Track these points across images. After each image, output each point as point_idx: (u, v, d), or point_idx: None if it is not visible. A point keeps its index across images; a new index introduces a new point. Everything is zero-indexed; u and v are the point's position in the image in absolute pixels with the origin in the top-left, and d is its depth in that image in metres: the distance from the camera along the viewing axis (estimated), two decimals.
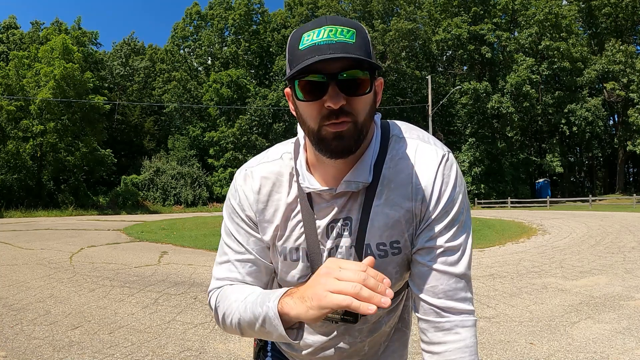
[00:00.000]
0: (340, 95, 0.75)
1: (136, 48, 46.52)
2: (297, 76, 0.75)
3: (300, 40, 0.76)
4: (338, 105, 0.74)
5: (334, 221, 0.87)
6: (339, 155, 0.79)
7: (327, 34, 0.74)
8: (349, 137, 0.77)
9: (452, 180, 0.84)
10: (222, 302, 0.89)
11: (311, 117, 0.78)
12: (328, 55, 0.72)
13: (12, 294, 5.04)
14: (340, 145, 0.77)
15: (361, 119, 0.78)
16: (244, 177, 0.93)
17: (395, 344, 1.06)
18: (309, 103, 0.77)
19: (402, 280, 0.93)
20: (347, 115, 0.76)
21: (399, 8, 40.42)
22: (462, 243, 0.84)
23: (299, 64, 0.74)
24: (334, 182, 0.85)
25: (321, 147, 0.79)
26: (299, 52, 0.75)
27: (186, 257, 8.07)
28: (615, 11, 36.33)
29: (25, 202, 26.04)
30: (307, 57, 0.73)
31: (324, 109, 0.76)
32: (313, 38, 0.75)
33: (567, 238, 10.11)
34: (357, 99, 0.77)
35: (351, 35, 0.75)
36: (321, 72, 0.74)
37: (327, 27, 0.75)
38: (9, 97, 27.19)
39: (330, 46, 0.73)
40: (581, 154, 43.21)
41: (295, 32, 0.79)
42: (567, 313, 4.16)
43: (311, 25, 0.77)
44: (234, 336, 3.61)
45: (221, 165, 36.89)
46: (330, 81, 0.74)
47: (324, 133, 0.77)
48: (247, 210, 0.91)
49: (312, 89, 0.76)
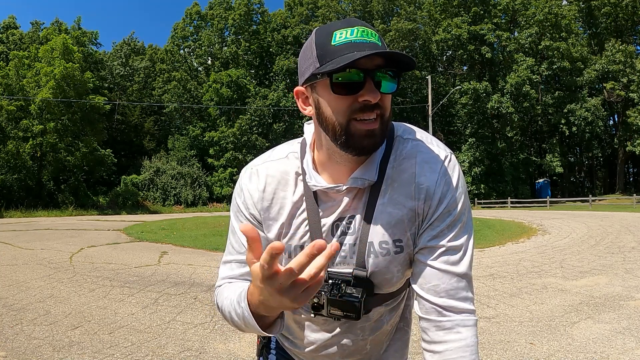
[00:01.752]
0: (377, 90, 0.78)
1: (136, 48, 46.52)
2: (337, 70, 0.76)
3: (331, 37, 0.79)
4: (376, 99, 0.77)
5: (339, 219, 0.88)
6: (368, 152, 0.82)
7: (360, 33, 0.78)
8: (379, 134, 0.80)
9: (455, 180, 0.86)
10: (219, 299, 0.92)
11: (341, 112, 0.79)
12: (372, 51, 0.74)
13: (12, 294, 5.03)
14: (371, 142, 0.80)
15: (387, 115, 0.82)
16: (249, 176, 0.94)
17: (397, 343, 1.06)
18: (342, 97, 0.79)
19: (404, 279, 0.93)
20: (379, 109, 0.80)
21: (399, 8, 40.45)
22: (463, 243, 0.85)
23: (334, 58, 0.76)
24: (341, 180, 0.87)
25: (349, 143, 0.80)
26: (333, 48, 0.78)
27: (186, 257, 8.06)
28: (615, 11, 36.34)
29: (25, 202, 26.04)
30: (345, 52, 0.76)
31: (357, 103, 0.78)
32: (347, 36, 0.78)
33: (567, 238, 10.11)
34: (386, 96, 0.81)
35: (377, 38, 0.80)
36: (359, 68, 0.76)
37: (359, 27, 0.79)
38: (9, 97, 27.19)
39: (365, 44, 0.77)
40: (581, 154, 43.22)
41: (321, 29, 0.82)
42: (567, 313, 4.16)
43: (341, 24, 0.80)
44: (234, 336, 3.62)
45: (221, 165, 36.88)
46: (368, 76, 0.77)
47: (354, 129, 0.79)
48: (251, 209, 0.93)
49: (348, 83, 0.78)
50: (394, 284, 0.92)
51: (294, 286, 0.63)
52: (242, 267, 0.94)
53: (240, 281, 0.94)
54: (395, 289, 0.94)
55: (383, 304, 0.96)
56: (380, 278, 0.89)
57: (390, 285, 0.92)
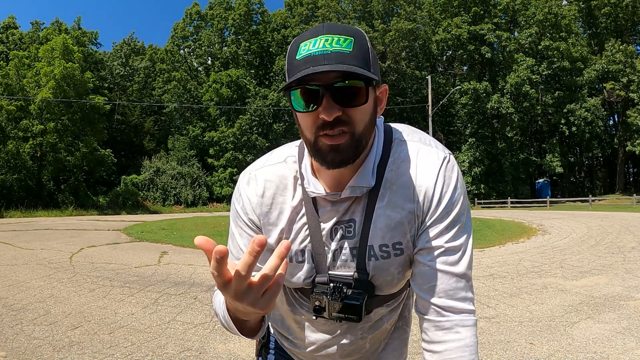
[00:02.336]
0: (335, 106, 0.74)
1: (136, 48, 46.51)
2: (293, 87, 0.75)
3: (297, 50, 0.76)
4: (332, 117, 0.74)
5: (338, 223, 0.88)
6: (336, 166, 0.79)
7: (322, 43, 0.74)
8: (345, 148, 0.77)
9: (454, 181, 0.85)
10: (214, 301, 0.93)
11: (307, 128, 0.79)
12: (320, 66, 0.71)
13: (12, 294, 5.04)
14: (337, 157, 0.77)
15: (359, 129, 0.78)
16: (248, 181, 0.93)
17: (396, 341, 1.07)
18: (304, 114, 0.77)
19: (403, 280, 0.93)
20: (343, 125, 0.76)
21: (399, 8, 40.43)
22: (463, 243, 0.85)
23: (294, 74, 0.74)
24: (337, 186, 0.86)
25: (318, 158, 0.79)
26: (296, 62, 0.75)
27: (186, 257, 8.06)
28: (615, 11, 36.35)
29: (25, 202, 26.02)
30: (302, 67, 0.74)
31: (319, 119, 0.76)
32: (309, 48, 0.74)
33: (567, 238, 10.12)
34: (353, 110, 0.76)
35: (348, 44, 0.74)
36: (315, 83, 0.74)
37: (323, 36, 0.75)
38: (9, 97, 27.18)
39: (325, 56, 0.73)
40: (581, 154, 43.23)
41: (294, 41, 0.79)
42: (567, 313, 4.16)
43: (308, 34, 0.77)
44: (234, 336, 3.61)
45: (221, 165, 36.87)
46: (325, 92, 0.74)
47: (320, 144, 0.78)
48: (249, 214, 0.92)
49: (306, 100, 0.76)
50: (394, 286, 0.92)
51: (250, 290, 0.60)
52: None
53: None
54: (396, 290, 0.94)
55: (384, 305, 0.96)
56: (381, 280, 0.89)
57: (391, 287, 0.92)
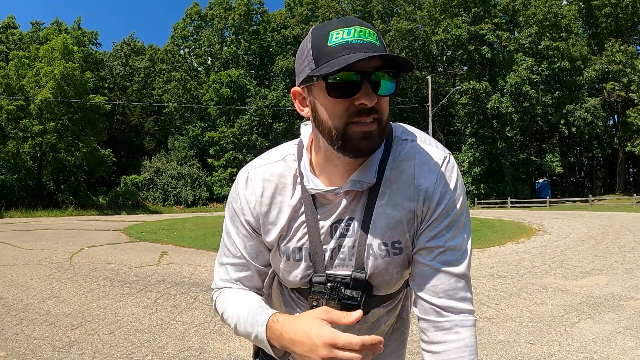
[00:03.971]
0: (373, 94, 0.76)
1: (136, 48, 46.52)
2: (332, 73, 0.74)
3: (328, 37, 0.76)
4: (372, 103, 0.75)
5: (338, 221, 0.88)
6: (365, 154, 0.80)
7: (357, 33, 0.75)
8: (375, 136, 0.78)
9: (453, 181, 0.85)
10: (219, 303, 0.95)
11: (337, 115, 0.78)
12: (368, 53, 0.72)
13: (12, 294, 5.03)
14: (369, 144, 0.78)
15: (384, 118, 0.80)
16: (246, 181, 0.93)
17: (394, 343, 1.06)
18: (338, 100, 0.77)
19: (401, 280, 0.93)
20: (375, 113, 0.77)
21: (399, 8, 40.44)
22: (462, 243, 0.85)
23: (330, 60, 0.74)
24: (339, 182, 0.86)
25: (346, 146, 0.79)
26: (329, 49, 0.75)
27: (186, 257, 8.06)
28: (615, 11, 36.35)
29: (25, 202, 26.02)
30: (341, 53, 0.74)
31: (353, 106, 0.76)
32: (343, 36, 0.75)
33: (567, 238, 10.12)
34: (384, 99, 0.79)
35: (376, 37, 0.77)
36: (355, 70, 0.74)
37: (357, 26, 0.76)
38: (9, 97, 27.18)
39: (362, 45, 0.74)
40: (581, 154, 43.24)
41: (318, 29, 0.79)
42: (567, 313, 4.16)
43: (338, 23, 0.77)
44: (234, 336, 3.61)
45: (221, 166, 36.89)
46: (364, 79, 0.75)
47: (351, 132, 0.77)
48: (246, 215, 0.92)
49: (344, 86, 0.76)
50: (392, 285, 0.92)
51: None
52: (238, 271, 0.95)
53: (242, 288, 0.95)
54: (393, 290, 0.94)
55: (381, 306, 0.96)
56: (379, 280, 0.89)
57: (389, 287, 0.92)
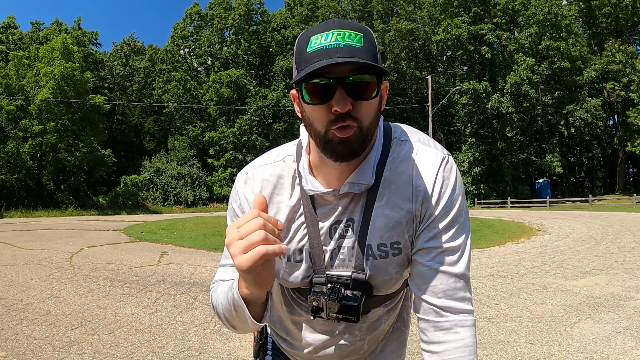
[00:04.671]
0: (347, 99, 0.75)
1: (136, 48, 46.55)
2: (305, 79, 0.75)
3: (308, 43, 0.76)
4: (345, 109, 0.75)
5: (337, 222, 0.88)
6: (345, 158, 0.80)
7: (334, 37, 0.75)
8: (353, 142, 0.78)
9: (452, 182, 0.86)
10: (213, 297, 0.94)
11: (318, 121, 0.78)
12: (336, 59, 0.72)
13: (12, 294, 5.03)
14: (346, 149, 0.78)
15: (366, 124, 0.79)
16: (245, 180, 0.94)
17: (394, 343, 1.06)
18: (316, 106, 0.77)
19: (401, 280, 0.93)
20: (353, 120, 0.77)
21: (398, 8, 40.44)
22: (461, 244, 0.85)
23: (306, 67, 0.75)
24: (337, 183, 0.86)
25: (327, 150, 0.80)
26: (307, 55, 0.76)
27: (186, 257, 8.07)
28: (615, 11, 36.35)
29: (25, 202, 26.01)
30: (315, 60, 0.74)
31: (331, 112, 0.76)
32: (321, 41, 0.75)
33: (567, 238, 10.12)
34: (363, 104, 0.77)
35: (359, 39, 0.76)
36: (329, 76, 0.74)
37: (335, 30, 0.76)
38: (9, 97, 27.18)
39: (338, 50, 0.74)
40: (581, 154, 43.23)
41: (303, 34, 0.79)
42: (567, 313, 4.16)
43: (319, 28, 0.77)
44: (234, 336, 3.61)
45: (221, 166, 36.89)
46: (338, 85, 0.74)
47: (330, 136, 0.78)
48: None
49: (319, 92, 0.76)
50: (392, 286, 0.92)
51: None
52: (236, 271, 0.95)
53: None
54: (393, 290, 0.94)
55: (381, 306, 0.96)
56: (379, 280, 0.89)
57: (389, 287, 0.92)
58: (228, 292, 0.84)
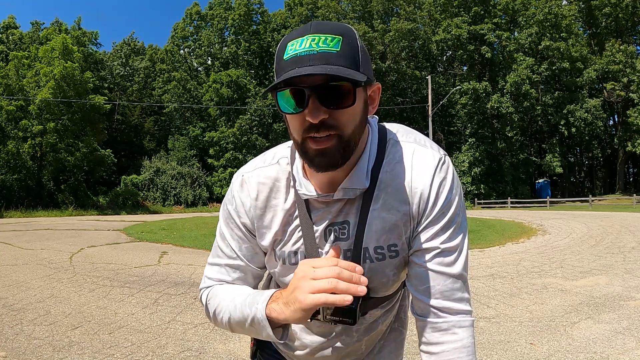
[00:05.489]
0: (321, 108, 0.72)
1: (136, 48, 46.56)
2: (279, 88, 0.73)
3: (285, 50, 0.74)
4: (317, 119, 0.72)
5: (332, 225, 0.87)
6: (324, 169, 0.77)
7: (309, 43, 0.72)
8: (332, 152, 0.75)
9: (449, 182, 0.85)
10: (212, 299, 0.93)
11: (295, 130, 0.77)
12: (306, 68, 0.69)
13: (12, 294, 5.04)
14: (324, 161, 0.76)
15: (347, 132, 0.75)
16: (241, 184, 0.93)
17: (392, 343, 1.06)
18: (291, 116, 0.76)
19: (398, 282, 0.93)
20: (329, 129, 0.74)
21: (398, 8, 40.43)
22: (458, 244, 0.85)
23: (279, 75, 0.73)
24: (330, 187, 0.85)
25: (306, 160, 0.78)
26: (283, 62, 0.73)
27: (186, 257, 8.07)
28: (615, 11, 36.36)
29: (25, 202, 26.03)
30: (288, 68, 0.72)
31: (306, 121, 0.74)
32: (296, 48, 0.72)
33: (567, 238, 10.11)
34: (340, 112, 0.74)
35: (336, 43, 0.72)
36: (301, 85, 0.72)
37: (310, 35, 0.72)
38: (8, 97, 27.19)
39: (311, 57, 0.71)
40: (581, 154, 43.23)
41: (283, 39, 0.77)
42: (567, 313, 4.16)
43: (296, 33, 0.75)
44: (234, 336, 3.62)
45: (221, 166, 36.90)
46: (311, 94, 0.71)
47: (307, 147, 0.76)
48: (242, 217, 0.92)
49: (293, 101, 0.74)
50: (389, 288, 0.92)
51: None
52: (233, 272, 0.95)
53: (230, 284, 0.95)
54: (390, 292, 0.94)
55: (379, 307, 0.96)
56: (376, 282, 0.89)
57: (386, 289, 0.92)
58: (245, 309, 0.83)
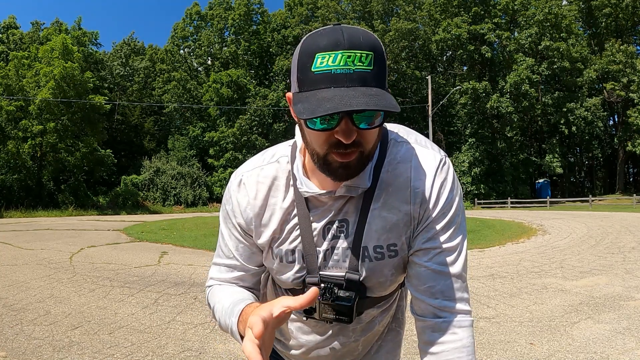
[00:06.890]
0: (354, 129, 0.72)
1: (136, 48, 46.56)
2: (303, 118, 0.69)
3: (313, 60, 0.70)
4: (350, 140, 0.72)
5: (330, 223, 0.87)
6: (343, 179, 0.79)
7: (344, 60, 0.69)
8: (355, 165, 0.76)
9: (449, 183, 0.86)
10: (211, 299, 0.96)
11: (318, 144, 0.76)
12: (347, 104, 0.65)
13: (12, 294, 5.04)
14: (346, 172, 0.77)
15: (369, 148, 0.76)
16: (238, 183, 0.93)
17: (389, 344, 1.06)
18: (318, 132, 0.74)
19: (396, 283, 0.93)
20: (356, 146, 0.74)
21: (398, 8, 40.43)
22: (458, 244, 0.85)
23: (311, 89, 0.70)
24: (332, 185, 0.85)
25: (325, 170, 0.78)
26: (312, 76, 0.70)
27: (186, 258, 8.07)
28: (615, 11, 36.35)
29: (25, 202, 26.04)
30: (321, 85, 0.69)
31: (333, 137, 0.73)
32: (328, 63, 0.69)
33: (567, 238, 10.11)
34: (369, 131, 0.74)
35: (369, 61, 0.70)
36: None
37: (344, 52, 0.69)
38: (8, 97, 27.19)
39: (347, 77, 0.68)
40: (581, 154, 43.23)
41: (307, 43, 0.72)
42: (567, 313, 4.16)
43: (326, 42, 0.70)
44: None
45: (221, 166, 36.91)
46: (345, 116, 0.70)
47: (330, 159, 0.76)
48: (238, 218, 0.93)
49: (323, 119, 0.71)
50: (386, 288, 0.92)
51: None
52: (230, 272, 0.97)
53: (230, 284, 0.97)
54: (388, 292, 0.94)
55: (375, 307, 0.96)
56: (374, 282, 0.89)
57: (383, 289, 0.92)
58: (226, 318, 0.85)
